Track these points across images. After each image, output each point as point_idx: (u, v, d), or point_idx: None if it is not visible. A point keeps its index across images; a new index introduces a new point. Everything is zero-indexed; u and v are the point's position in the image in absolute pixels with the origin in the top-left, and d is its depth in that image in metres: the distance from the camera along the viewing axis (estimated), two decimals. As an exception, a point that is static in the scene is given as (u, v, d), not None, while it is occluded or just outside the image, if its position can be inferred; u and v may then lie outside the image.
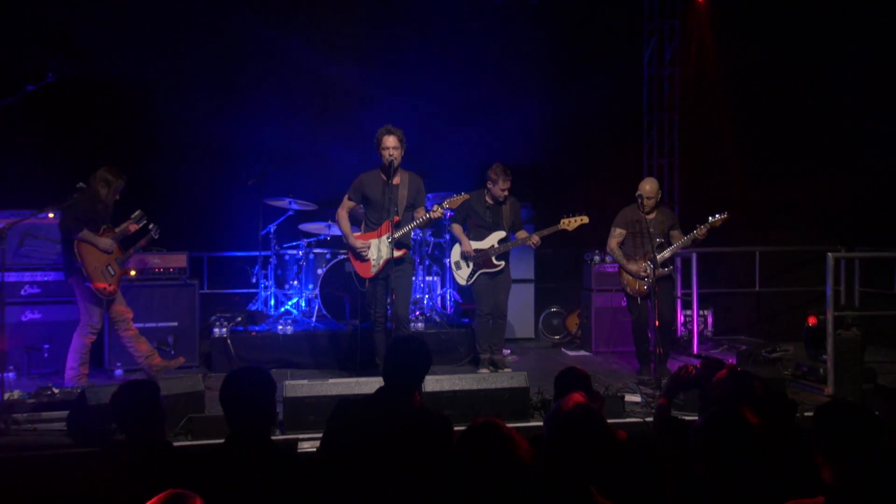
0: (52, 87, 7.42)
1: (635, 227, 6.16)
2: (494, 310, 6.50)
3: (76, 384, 5.71)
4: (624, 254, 6.29)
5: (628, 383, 6.02)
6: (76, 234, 5.66)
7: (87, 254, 5.72)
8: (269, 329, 7.01)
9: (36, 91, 7.36)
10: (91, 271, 5.72)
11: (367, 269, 5.63)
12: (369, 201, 5.66)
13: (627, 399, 5.23)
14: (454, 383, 4.73)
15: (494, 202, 6.47)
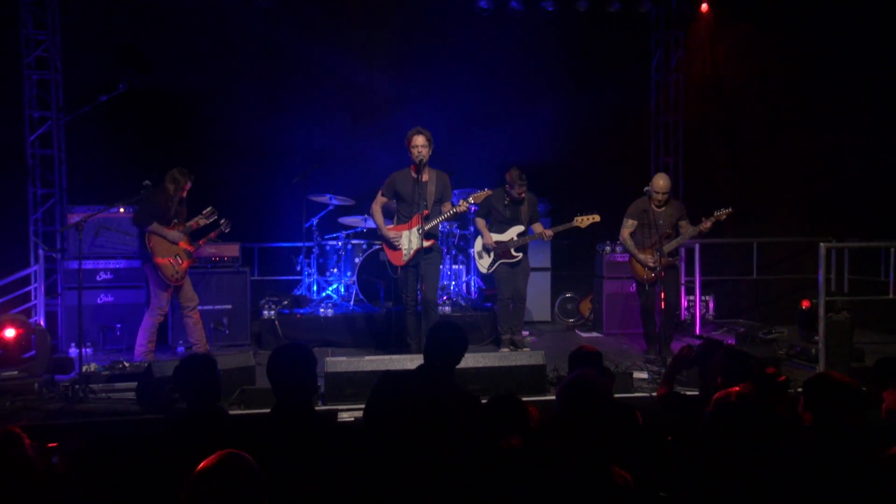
0: (123, 96, 7.63)
1: (645, 219, 6.11)
2: (514, 295, 6.51)
3: (144, 359, 5.85)
4: (635, 243, 6.23)
5: (636, 362, 6.00)
6: (146, 227, 5.78)
7: (156, 244, 5.84)
8: (312, 312, 7.09)
9: (109, 100, 7.58)
10: (159, 260, 5.84)
11: (399, 257, 5.66)
12: (401, 197, 5.69)
13: (635, 376, 5.22)
14: (478, 360, 4.75)
15: (512, 200, 6.46)
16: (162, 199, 5.91)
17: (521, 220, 6.55)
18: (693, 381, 4.62)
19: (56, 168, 7.71)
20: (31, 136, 7.58)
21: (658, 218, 6.07)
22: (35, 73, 7.59)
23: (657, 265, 5.91)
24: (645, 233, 6.15)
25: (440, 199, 5.70)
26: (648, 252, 6.12)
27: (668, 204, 6.21)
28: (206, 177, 8.12)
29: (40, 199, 7.64)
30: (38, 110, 7.64)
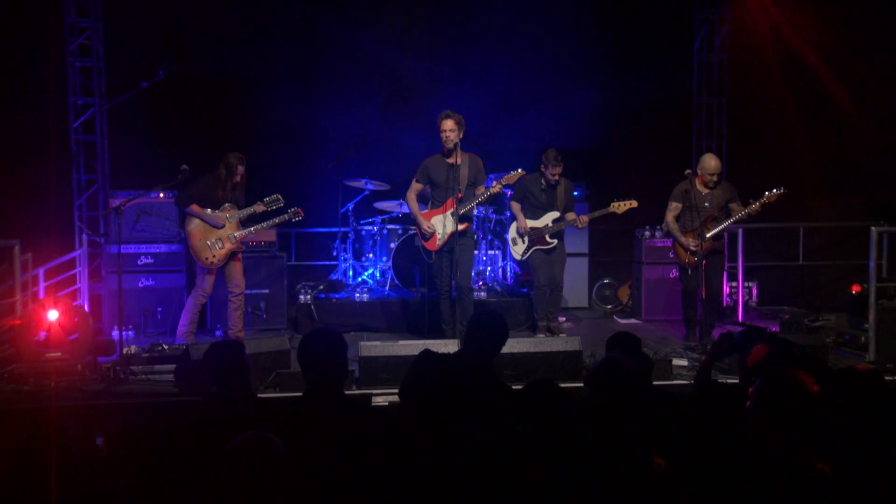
0: (163, 83, 7.74)
1: (689, 201, 5.97)
2: (551, 281, 6.44)
3: (184, 341, 5.93)
4: (680, 226, 6.10)
5: (676, 349, 5.87)
6: (185, 208, 5.87)
7: (194, 227, 5.89)
8: (348, 296, 7.12)
9: (149, 87, 7.70)
10: (195, 243, 5.89)
11: (433, 242, 5.63)
12: (434, 182, 5.66)
13: (675, 363, 5.11)
14: (513, 346, 4.70)
15: (548, 184, 6.37)
16: (210, 182, 5.93)
17: (557, 205, 6.46)
18: (734, 369, 4.51)
19: (99, 154, 7.87)
20: (74, 123, 7.74)
21: (704, 200, 5.91)
22: (78, 60, 7.73)
23: (699, 249, 5.75)
24: (691, 216, 6.00)
25: (473, 183, 5.64)
26: (691, 235, 5.98)
27: (719, 185, 6.04)
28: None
29: (84, 185, 7.81)
30: (82, 97, 7.79)
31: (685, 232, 6.02)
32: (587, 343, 5.36)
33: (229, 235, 5.92)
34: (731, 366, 4.74)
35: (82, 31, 7.71)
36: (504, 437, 2.52)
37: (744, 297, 7.84)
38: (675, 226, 6.08)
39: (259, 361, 4.61)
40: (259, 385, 4.55)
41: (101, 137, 7.90)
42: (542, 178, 6.41)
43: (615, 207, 6.22)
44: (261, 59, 8.55)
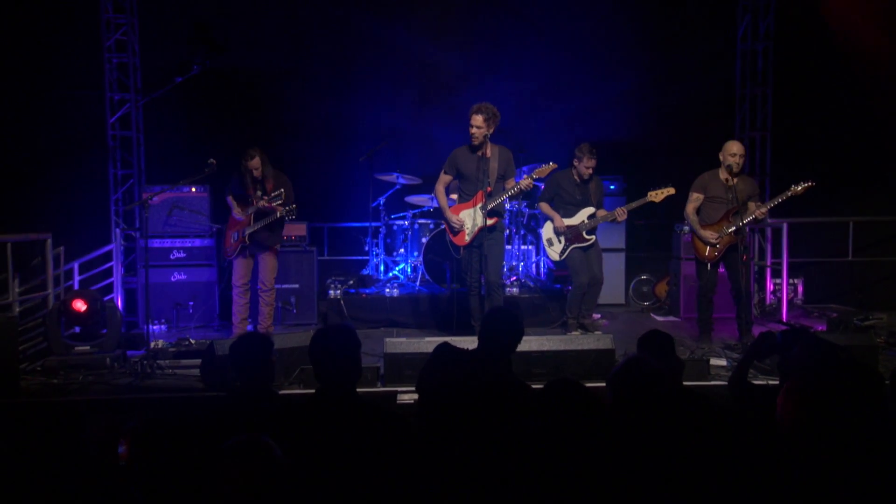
0: (197, 77, 7.78)
1: (713, 193, 5.73)
2: (592, 279, 6.27)
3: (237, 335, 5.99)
4: (700, 220, 5.87)
5: (715, 348, 5.67)
6: (227, 200, 6.01)
7: (230, 219, 6.07)
8: (378, 292, 7.07)
9: (184, 82, 7.75)
10: (227, 233, 6.04)
11: (461, 237, 5.53)
12: (462, 174, 5.55)
13: (712, 363, 4.92)
14: (542, 344, 4.58)
15: (581, 180, 6.23)
16: (241, 176, 6.00)
17: (591, 201, 6.31)
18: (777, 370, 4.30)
19: (134, 149, 7.94)
20: (111, 118, 7.82)
21: (726, 192, 5.69)
22: (115, 56, 7.81)
23: (720, 242, 5.58)
24: (713, 208, 5.78)
25: (503, 176, 5.52)
26: (712, 229, 5.75)
27: (741, 178, 5.79)
28: (275, 157, 8.27)
29: (120, 180, 7.89)
30: (118, 93, 7.87)
31: (705, 225, 5.80)
32: (622, 341, 5.22)
33: (244, 228, 5.94)
34: (772, 366, 4.53)
35: (118, 26, 7.79)
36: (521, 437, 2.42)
37: (789, 295, 7.55)
38: (695, 218, 5.87)
39: (284, 357, 4.57)
40: (283, 381, 4.52)
41: (137, 132, 7.97)
42: (576, 172, 6.25)
43: (652, 196, 6.03)
44: (294, 53, 8.57)
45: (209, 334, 6.59)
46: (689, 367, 4.61)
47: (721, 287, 6.05)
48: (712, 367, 4.83)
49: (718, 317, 6.73)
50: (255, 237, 5.96)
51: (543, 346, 4.55)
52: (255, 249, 6.02)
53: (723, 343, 5.72)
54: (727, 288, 6.00)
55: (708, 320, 5.92)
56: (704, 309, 5.92)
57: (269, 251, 6.06)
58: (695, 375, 4.56)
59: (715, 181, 5.76)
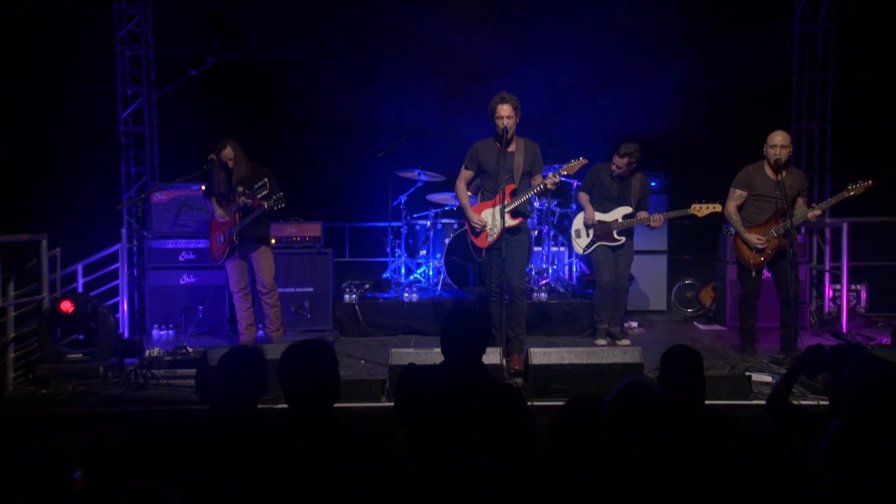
0: (212, 70, 7.74)
1: (759, 190, 5.41)
2: (614, 283, 6.09)
3: (243, 342, 5.93)
4: (743, 219, 5.54)
5: (760, 361, 5.34)
6: (207, 202, 5.94)
7: (212, 221, 5.98)
8: (396, 296, 6.93)
9: (199, 75, 7.71)
10: (211, 236, 5.97)
11: (483, 238, 5.32)
12: (484, 169, 5.33)
13: (755, 379, 4.60)
14: (562, 356, 4.34)
15: (620, 176, 6.03)
16: (216, 174, 5.90)
17: (630, 199, 6.08)
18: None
19: (147, 145, 7.94)
20: (123, 113, 7.83)
21: (773, 188, 5.35)
22: (127, 48, 7.81)
23: (768, 247, 5.28)
24: (759, 207, 5.45)
25: (529, 172, 5.29)
26: (758, 230, 5.42)
27: (789, 172, 5.44)
28: (293, 152, 8.33)
29: (133, 178, 7.90)
30: (131, 86, 7.87)
31: (750, 227, 5.47)
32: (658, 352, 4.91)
33: (230, 228, 5.82)
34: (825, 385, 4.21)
35: (131, 17, 7.79)
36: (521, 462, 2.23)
37: (850, 303, 7.15)
38: (738, 218, 5.54)
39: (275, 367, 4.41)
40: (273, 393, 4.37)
41: (150, 128, 7.97)
42: (616, 166, 6.04)
43: (696, 210, 5.81)
44: (314, 44, 8.49)
45: (218, 341, 6.52)
46: (728, 384, 4.34)
47: (769, 293, 5.72)
48: (754, 384, 4.52)
49: (766, 326, 6.40)
50: (244, 235, 5.82)
51: (563, 360, 4.31)
52: (246, 249, 5.87)
53: (769, 356, 5.39)
54: (770, 294, 5.69)
55: (751, 330, 5.60)
56: (747, 318, 5.61)
57: (261, 248, 5.92)
58: (734, 393, 4.26)
59: (760, 176, 5.43)
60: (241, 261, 5.95)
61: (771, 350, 5.76)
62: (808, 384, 4.44)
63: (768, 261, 5.39)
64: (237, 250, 5.87)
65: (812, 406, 4.16)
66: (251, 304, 6.06)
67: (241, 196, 5.69)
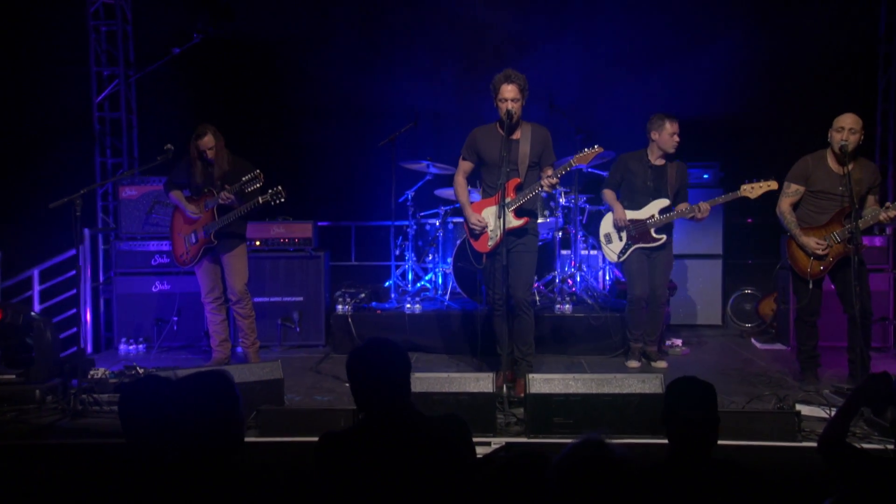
0: (199, 48, 7.65)
1: (818, 185, 5.02)
2: (650, 294, 5.79)
3: (216, 359, 5.83)
4: (799, 219, 5.15)
5: (821, 390, 4.94)
6: (168, 196, 5.77)
7: (175, 218, 5.80)
8: (397, 307, 6.74)
9: (183, 53, 7.62)
10: (174, 237, 5.78)
11: (483, 242, 5.06)
12: (484, 160, 5.07)
13: (806, 413, 4.22)
14: (567, 384, 4.03)
15: (659, 163, 5.77)
16: (188, 165, 5.72)
17: (666, 191, 5.78)
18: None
19: (125, 133, 7.89)
20: (97, 98, 7.78)
21: (836, 183, 4.95)
22: (102, 24, 7.76)
23: (829, 252, 4.92)
24: (820, 205, 5.08)
25: (537, 163, 5.01)
26: (817, 234, 5.02)
27: (858, 164, 5.02)
28: (292, 141, 8.26)
29: (110, 170, 7.83)
30: (107, 67, 7.81)
31: (807, 229, 5.07)
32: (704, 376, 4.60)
33: (205, 227, 5.62)
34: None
35: (106, -12, 7.73)
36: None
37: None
38: (793, 218, 5.16)
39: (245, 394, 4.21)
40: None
41: (129, 114, 7.93)
42: (653, 152, 5.79)
43: (746, 191, 5.47)
44: (315, 18, 8.36)
45: (194, 357, 6.41)
46: (772, 421, 3.97)
47: (831, 306, 5.33)
48: (808, 421, 4.14)
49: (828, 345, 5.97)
50: (222, 234, 5.65)
51: (569, 388, 4.00)
52: (221, 250, 5.72)
53: (833, 385, 4.99)
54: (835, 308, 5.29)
55: (811, 353, 5.22)
56: (805, 338, 5.24)
57: (236, 249, 5.76)
58: (779, 432, 3.90)
59: (821, 168, 5.03)
60: (214, 265, 5.79)
61: (839, 377, 5.36)
62: (874, 422, 4.05)
63: (829, 269, 4.99)
64: (213, 252, 5.71)
65: (877, 450, 3.78)
66: (226, 316, 5.89)
67: (222, 192, 5.52)
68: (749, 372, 5.66)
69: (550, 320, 6.37)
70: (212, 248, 5.65)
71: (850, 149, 4.87)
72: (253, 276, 6.67)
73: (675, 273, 7.55)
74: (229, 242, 5.70)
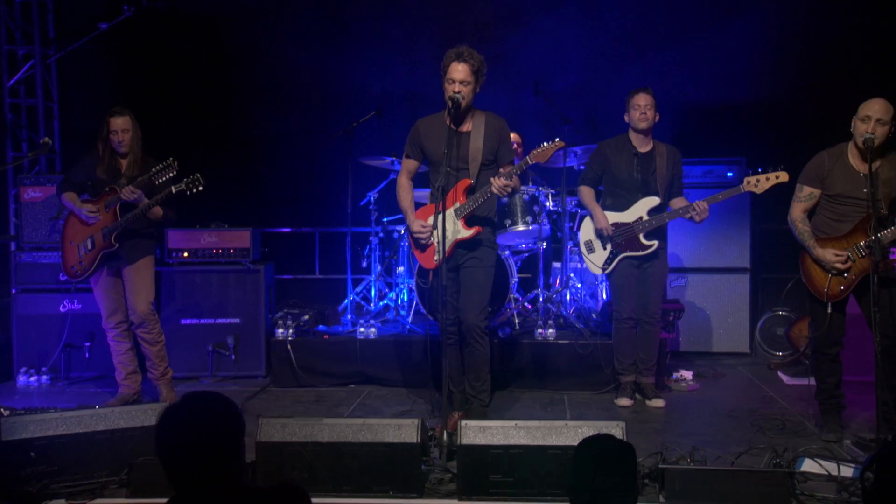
0: (130, 22, 7.56)
1: (837, 187, 4.75)
2: (641, 312, 5.64)
3: (122, 394, 5.71)
4: (816, 228, 4.88)
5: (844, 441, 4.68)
6: (60, 199, 5.61)
7: (69, 225, 5.62)
8: (350, 331, 6.57)
9: (111, 29, 7.53)
10: (65, 246, 5.60)
11: (429, 256, 4.85)
12: (431, 159, 4.87)
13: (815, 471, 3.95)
14: (508, 434, 3.77)
15: (645, 149, 5.65)
16: (90, 159, 5.58)
17: (655, 185, 5.61)
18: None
19: (42, 123, 7.79)
20: (9, 81, 7.69)
21: (859, 185, 4.65)
22: (15, -7, 7.69)
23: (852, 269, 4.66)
24: (836, 211, 4.80)
25: (493, 161, 4.81)
26: (836, 245, 4.74)
27: (886, 161, 4.73)
28: (240, 132, 8.29)
29: (27, 166, 7.73)
30: (21, 46, 7.73)
31: (825, 240, 4.80)
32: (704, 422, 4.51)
33: (103, 230, 5.44)
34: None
35: (19, -47, 7.67)
36: None
37: None
38: (806, 228, 4.88)
39: (115, 444, 4.04)
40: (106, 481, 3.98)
41: (48, 101, 7.86)
42: (632, 136, 5.67)
43: (751, 185, 5.32)
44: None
45: (106, 392, 6.20)
46: (761, 484, 3.70)
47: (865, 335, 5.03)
48: (810, 481, 3.87)
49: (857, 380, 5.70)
50: (125, 239, 5.47)
51: (509, 438, 3.74)
52: (124, 260, 5.54)
53: (856, 436, 4.71)
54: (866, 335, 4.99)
55: (831, 392, 4.93)
56: (825, 373, 4.94)
57: (143, 259, 5.58)
58: (769, 497, 3.63)
59: (841, 166, 4.75)
60: (115, 279, 5.61)
61: (870, 423, 5.04)
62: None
63: (852, 289, 4.71)
64: (109, 262, 5.54)
65: None
66: (134, 344, 5.73)
67: (133, 183, 5.33)
68: (763, 415, 5.38)
69: (530, 348, 6.18)
70: (112, 255, 5.46)
71: (876, 143, 4.58)
72: (180, 294, 6.63)
73: (692, 289, 7.41)
74: (133, 251, 5.52)
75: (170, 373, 5.76)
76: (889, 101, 4.67)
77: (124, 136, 5.48)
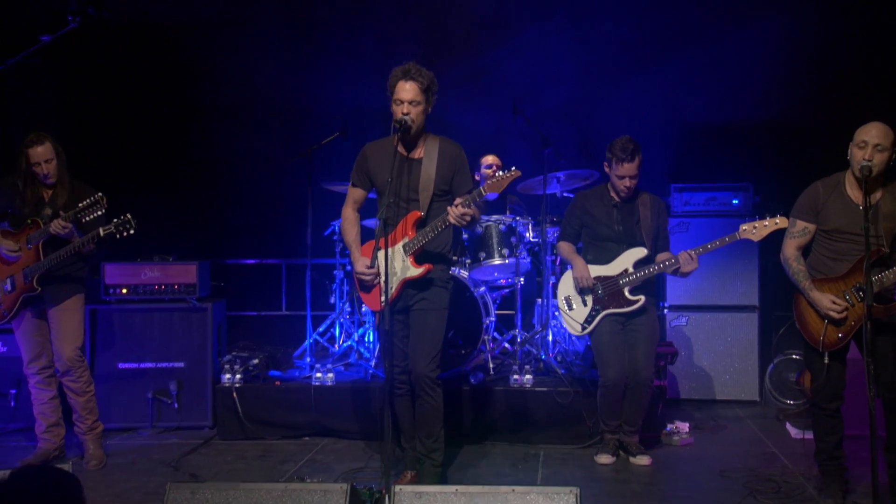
0: (76, 34, 7.54)
1: (833, 222, 4.64)
2: (630, 375, 5.53)
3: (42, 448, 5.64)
4: (811, 268, 4.76)
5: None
6: None
7: None
8: (306, 376, 6.51)
9: (54, 42, 7.51)
10: None
11: (375, 298, 4.74)
12: (378, 188, 4.79)
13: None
14: (447, 501, 3.60)
15: (621, 199, 5.66)
16: (9, 188, 5.55)
17: (640, 236, 5.61)
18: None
19: (-24, 147, 7.79)
20: (-64, 101, 7.71)
21: (858, 218, 4.50)
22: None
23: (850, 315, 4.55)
24: (833, 248, 4.69)
25: (447, 191, 4.71)
26: (833, 287, 4.62)
27: (888, 192, 4.61)
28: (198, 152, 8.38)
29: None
30: (-47, 59, 7.74)
31: (821, 280, 4.68)
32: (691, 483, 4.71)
33: (24, 270, 5.39)
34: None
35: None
36: None
37: None
38: (801, 267, 4.77)
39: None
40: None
41: (-19, 122, 7.83)
42: (611, 187, 5.69)
43: (747, 232, 5.25)
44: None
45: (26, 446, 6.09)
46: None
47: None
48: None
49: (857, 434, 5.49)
50: (50, 279, 5.42)
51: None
52: (48, 301, 5.50)
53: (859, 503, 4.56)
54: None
55: (831, 453, 4.78)
56: (825, 431, 4.80)
57: (71, 299, 5.53)
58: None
59: (837, 199, 4.62)
60: (39, 321, 5.57)
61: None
62: None
63: (851, 337, 4.56)
64: (33, 304, 5.48)
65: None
66: (58, 392, 5.65)
67: (55, 219, 5.28)
68: (760, 475, 5.22)
69: (504, 396, 6.09)
70: (34, 297, 5.41)
71: (874, 171, 4.45)
72: (118, 335, 6.57)
73: (693, 329, 7.31)
74: (59, 292, 5.47)
75: (99, 427, 5.68)
76: (889, 125, 4.55)
77: (48, 167, 5.44)
